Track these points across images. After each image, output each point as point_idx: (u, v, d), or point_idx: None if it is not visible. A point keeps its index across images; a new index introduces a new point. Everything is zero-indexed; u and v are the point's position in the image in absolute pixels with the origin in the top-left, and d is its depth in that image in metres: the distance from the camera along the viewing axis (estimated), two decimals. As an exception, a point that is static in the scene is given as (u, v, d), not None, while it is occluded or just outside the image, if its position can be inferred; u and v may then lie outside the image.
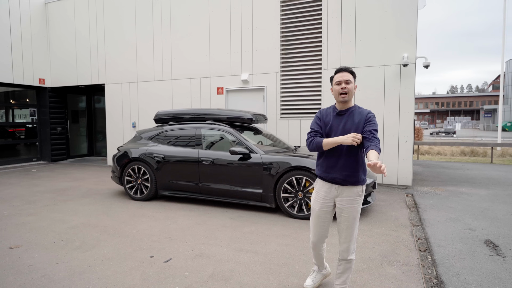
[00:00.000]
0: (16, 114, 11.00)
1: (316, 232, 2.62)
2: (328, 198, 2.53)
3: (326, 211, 2.55)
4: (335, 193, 2.50)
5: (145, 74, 9.53)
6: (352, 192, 2.46)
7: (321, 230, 2.60)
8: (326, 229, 2.61)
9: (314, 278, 2.81)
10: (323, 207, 2.55)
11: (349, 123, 2.45)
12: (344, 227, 2.49)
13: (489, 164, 10.72)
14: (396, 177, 6.95)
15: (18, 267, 3.22)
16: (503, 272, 3.12)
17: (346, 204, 2.46)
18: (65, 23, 10.62)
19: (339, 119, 2.50)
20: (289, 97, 7.86)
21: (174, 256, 3.47)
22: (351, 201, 2.46)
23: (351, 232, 2.49)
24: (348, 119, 2.47)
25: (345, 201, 2.47)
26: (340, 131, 2.46)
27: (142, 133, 6.29)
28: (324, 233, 2.62)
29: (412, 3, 6.61)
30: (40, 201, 5.82)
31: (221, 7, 8.36)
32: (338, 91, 2.46)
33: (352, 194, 2.46)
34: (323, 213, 2.56)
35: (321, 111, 2.63)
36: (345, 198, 2.47)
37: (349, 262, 2.54)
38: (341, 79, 2.45)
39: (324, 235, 2.64)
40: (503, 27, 15.25)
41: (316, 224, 2.60)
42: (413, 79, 6.72)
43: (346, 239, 2.51)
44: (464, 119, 60.31)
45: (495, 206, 5.44)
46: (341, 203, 2.48)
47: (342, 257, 2.54)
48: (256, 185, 4.99)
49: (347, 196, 2.46)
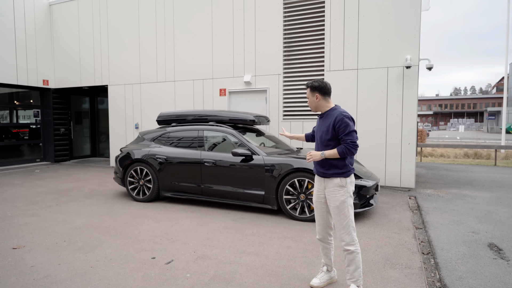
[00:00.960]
0: (20, 115, 11.07)
1: (317, 221, 2.91)
2: (320, 189, 2.85)
3: (320, 202, 2.86)
4: (323, 185, 2.81)
5: (148, 75, 9.56)
6: (333, 183, 2.73)
7: (321, 219, 2.88)
8: (325, 218, 2.86)
9: (321, 278, 2.89)
10: (317, 198, 2.87)
11: (323, 126, 2.80)
12: (332, 215, 2.77)
13: (493, 167, 10.65)
14: (399, 179, 6.92)
15: (20, 268, 3.23)
16: (507, 276, 3.09)
17: (330, 194, 2.74)
18: (69, 24, 10.69)
19: (320, 121, 2.89)
20: (292, 99, 7.86)
21: (176, 257, 3.47)
22: (333, 191, 2.73)
23: (338, 220, 2.70)
24: (324, 121, 2.82)
25: (329, 191, 2.75)
26: (319, 133, 2.83)
27: (144, 134, 6.30)
28: (324, 223, 2.87)
29: (415, 5, 6.60)
30: (43, 201, 5.84)
31: (224, 9, 8.38)
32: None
33: (333, 185, 2.73)
34: (318, 203, 2.87)
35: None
36: (329, 189, 2.75)
37: (349, 253, 2.68)
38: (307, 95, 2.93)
39: (325, 225, 2.87)
40: (507, 29, 15.18)
41: (316, 214, 2.91)
42: (416, 81, 6.70)
43: (336, 227, 2.75)
44: (467, 121, 59.99)
45: (499, 209, 5.40)
46: (327, 194, 2.77)
47: (341, 245, 2.75)
48: (258, 187, 4.99)
49: (330, 187, 2.75)
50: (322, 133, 2.77)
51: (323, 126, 2.77)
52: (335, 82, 7.33)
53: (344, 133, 2.64)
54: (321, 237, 2.89)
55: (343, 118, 2.65)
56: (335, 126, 2.67)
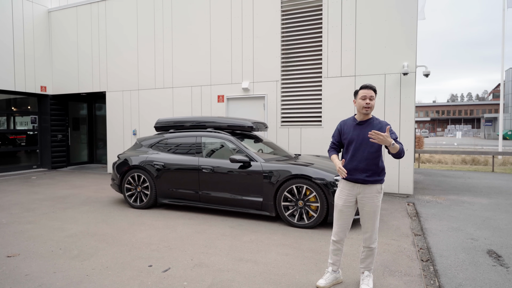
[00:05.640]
0: (17, 121, 11.02)
1: (340, 225, 2.95)
2: (351, 194, 2.88)
3: (348, 206, 2.91)
4: (358, 191, 2.86)
5: (146, 82, 9.57)
6: (374, 189, 2.83)
7: (344, 223, 2.94)
8: (349, 222, 2.95)
9: (327, 278, 2.98)
10: (346, 203, 2.90)
11: (368, 133, 2.75)
12: (365, 219, 2.88)
13: (491, 173, 10.67)
14: (397, 186, 6.92)
15: (15, 276, 3.18)
16: (506, 283, 3.07)
17: (367, 200, 2.84)
18: (68, 31, 10.71)
19: (358, 129, 2.86)
20: (290, 105, 7.87)
21: (173, 265, 3.43)
22: (372, 197, 2.83)
23: (372, 223, 2.86)
24: (367, 129, 2.82)
25: (367, 197, 2.83)
26: (360, 140, 2.82)
27: (142, 141, 6.28)
28: (347, 226, 2.96)
29: (412, 13, 6.66)
30: (39, 208, 5.79)
31: (222, 16, 8.43)
32: (362, 105, 2.82)
33: (373, 191, 2.83)
34: (346, 207, 2.91)
35: (341, 122, 3.03)
36: (368, 195, 2.83)
37: (372, 250, 2.91)
38: (366, 95, 2.81)
39: (347, 228, 2.97)
40: (502, 36, 15.35)
41: (340, 217, 2.94)
42: (414, 87, 6.73)
43: (368, 229, 2.88)
44: (464, 127, 60.29)
45: (497, 215, 5.39)
46: (364, 200, 2.85)
47: (366, 244, 2.92)
48: (256, 193, 4.96)
49: (369, 193, 2.83)
50: (368, 140, 2.75)
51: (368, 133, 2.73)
52: (332, 89, 7.36)
53: (396, 139, 2.75)
54: (339, 239, 2.97)
55: (390, 127, 2.79)
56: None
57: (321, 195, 4.51)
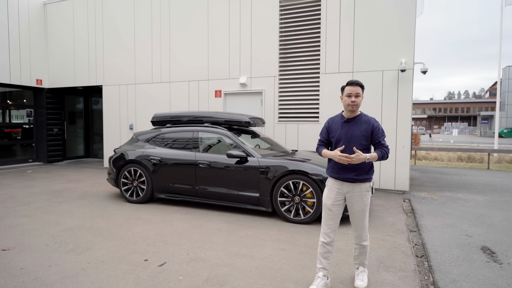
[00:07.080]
0: (13, 114, 10.93)
1: (329, 225, 2.87)
2: (340, 193, 2.84)
3: (337, 205, 2.86)
4: (347, 189, 2.81)
5: (143, 76, 9.51)
6: (362, 188, 2.80)
7: (333, 222, 2.88)
8: (338, 221, 2.89)
9: (318, 284, 2.79)
10: (335, 202, 2.85)
11: (356, 130, 2.77)
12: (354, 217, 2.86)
13: (486, 170, 10.74)
14: (393, 182, 6.95)
15: (9, 270, 3.17)
16: (500, 279, 3.10)
17: (356, 198, 2.80)
18: (64, 24, 10.60)
19: (346, 126, 2.82)
20: (287, 101, 7.86)
21: (169, 260, 3.43)
22: (361, 196, 2.80)
23: (361, 222, 2.86)
24: (355, 126, 2.79)
25: (356, 196, 2.80)
26: (348, 137, 2.77)
27: (139, 135, 6.25)
28: (336, 226, 2.89)
29: (410, 9, 6.65)
30: (34, 202, 5.76)
31: (220, 10, 8.37)
32: (348, 103, 2.76)
33: (361, 190, 2.79)
34: (335, 207, 2.85)
35: (329, 120, 2.96)
36: (356, 194, 2.79)
37: (364, 247, 2.93)
38: (352, 92, 2.74)
39: (336, 228, 2.90)
40: (500, 34, 15.37)
41: (329, 217, 2.87)
42: (411, 84, 6.74)
43: (358, 227, 2.88)
44: (461, 125, 60.56)
45: (491, 212, 5.43)
46: (352, 198, 2.81)
47: (357, 242, 2.94)
48: (253, 188, 4.97)
49: (357, 192, 2.79)
50: (357, 138, 2.75)
51: (357, 131, 2.76)
52: (330, 85, 7.35)
53: (381, 138, 2.76)
54: (330, 240, 2.85)
55: (379, 124, 2.80)
56: (373, 131, 2.75)
57: (317, 191, 4.52)
